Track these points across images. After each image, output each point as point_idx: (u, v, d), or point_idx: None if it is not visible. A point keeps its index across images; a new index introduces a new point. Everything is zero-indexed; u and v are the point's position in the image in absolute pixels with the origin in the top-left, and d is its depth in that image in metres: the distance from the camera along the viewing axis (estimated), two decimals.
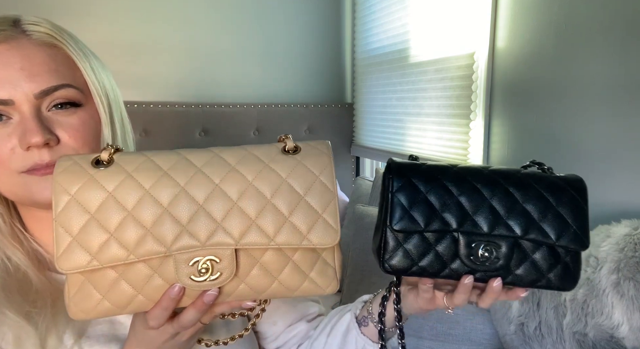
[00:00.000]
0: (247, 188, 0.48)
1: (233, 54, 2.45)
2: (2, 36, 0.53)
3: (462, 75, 1.70)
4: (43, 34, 0.55)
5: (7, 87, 0.52)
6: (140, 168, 0.47)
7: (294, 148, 0.51)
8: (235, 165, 0.49)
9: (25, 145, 0.52)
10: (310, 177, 0.50)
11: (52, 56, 0.55)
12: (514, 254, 0.50)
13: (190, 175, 0.47)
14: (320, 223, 0.49)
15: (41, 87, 0.53)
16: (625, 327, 1.02)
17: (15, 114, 0.53)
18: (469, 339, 1.42)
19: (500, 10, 1.57)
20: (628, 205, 1.20)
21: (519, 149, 1.54)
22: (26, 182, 0.54)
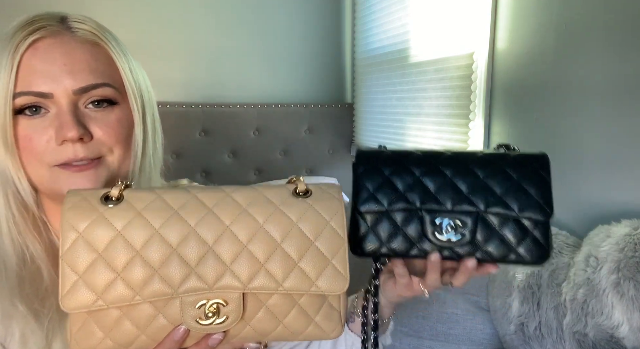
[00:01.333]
0: (257, 231, 0.47)
1: (233, 54, 2.45)
2: (49, 31, 0.54)
3: (462, 75, 1.70)
4: (87, 32, 0.56)
5: (48, 81, 0.53)
6: (150, 207, 0.46)
7: (305, 191, 0.51)
8: (247, 207, 0.48)
9: (60, 138, 0.53)
10: (321, 222, 0.49)
11: (94, 54, 0.56)
12: (478, 229, 0.50)
13: (201, 216, 0.47)
14: (329, 270, 0.49)
15: (80, 84, 0.54)
16: (625, 327, 1.02)
17: (53, 107, 0.54)
18: (469, 339, 1.42)
19: (500, 11, 1.57)
20: (628, 205, 1.20)
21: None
22: (57, 176, 0.55)
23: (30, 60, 0.53)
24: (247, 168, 2.49)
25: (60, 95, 0.53)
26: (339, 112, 2.62)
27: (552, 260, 1.24)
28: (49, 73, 0.53)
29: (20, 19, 0.55)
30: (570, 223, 1.36)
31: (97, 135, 0.56)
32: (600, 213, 1.27)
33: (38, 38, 0.53)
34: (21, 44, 0.53)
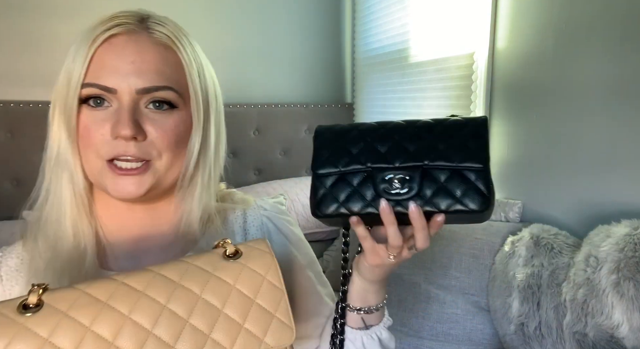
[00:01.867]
0: (196, 302, 0.46)
1: (233, 54, 2.45)
2: (126, 28, 0.56)
3: (462, 75, 1.70)
4: (163, 34, 0.58)
5: (115, 76, 0.54)
6: (76, 305, 0.43)
7: (234, 252, 0.51)
8: (180, 281, 0.47)
9: (115, 134, 0.55)
10: (258, 279, 0.50)
11: (164, 57, 0.57)
12: (424, 182, 0.54)
13: (134, 302, 0.45)
14: (275, 324, 0.49)
15: (144, 84, 0.55)
16: (625, 327, 1.02)
17: (115, 102, 0.56)
18: (469, 339, 1.42)
19: (500, 11, 1.57)
20: (628, 205, 1.20)
21: (518, 149, 1.54)
22: (105, 173, 0.56)
23: (103, 54, 0.55)
24: (247, 168, 2.49)
25: (124, 91, 0.55)
26: (339, 112, 2.62)
27: (552, 260, 1.24)
28: (117, 69, 0.55)
29: (103, 16, 0.57)
30: (570, 223, 1.36)
31: (150, 136, 0.56)
32: (600, 213, 1.27)
33: (114, 34, 0.55)
34: (98, 38, 0.55)
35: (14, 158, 2.05)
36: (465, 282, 1.45)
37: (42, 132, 0.56)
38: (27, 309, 0.42)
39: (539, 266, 1.26)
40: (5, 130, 2.02)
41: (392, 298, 1.54)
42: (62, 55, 0.58)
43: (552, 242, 1.27)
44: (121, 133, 0.54)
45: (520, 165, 1.54)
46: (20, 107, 2.01)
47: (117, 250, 0.62)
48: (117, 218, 0.62)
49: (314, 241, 2.34)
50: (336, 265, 2.00)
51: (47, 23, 2.11)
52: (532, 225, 1.36)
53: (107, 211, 0.62)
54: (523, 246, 1.31)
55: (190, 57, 0.60)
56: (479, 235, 1.47)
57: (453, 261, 1.47)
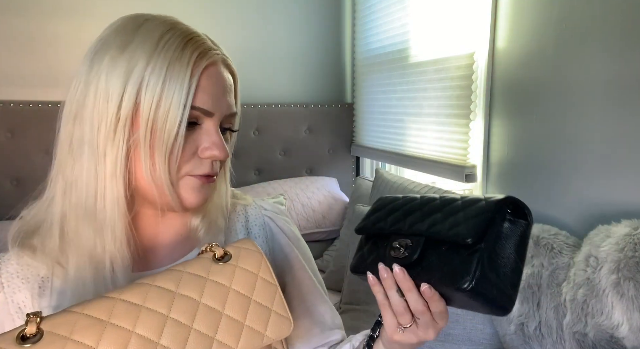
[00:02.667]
0: (197, 308, 0.48)
1: (233, 54, 2.42)
2: (218, 57, 0.60)
3: (462, 75, 1.70)
4: (231, 65, 0.64)
5: (214, 101, 0.59)
6: (77, 328, 0.43)
7: (223, 255, 0.53)
8: (178, 290, 0.48)
9: (209, 155, 0.59)
10: (252, 277, 0.52)
11: (233, 83, 0.64)
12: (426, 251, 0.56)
13: (136, 316, 0.45)
14: (273, 317, 0.51)
15: (230, 111, 0.61)
16: (625, 327, 1.02)
17: (205, 123, 0.59)
18: (469, 339, 1.42)
19: (500, 10, 1.57)
20: (628, 205, 1.20)
21: (518, 149, 1.54)
22: (190, 184, 0.59)
23: (207, 80, 0.58)
24: (247, 168, 2.49)
25: (217, 115, 0.60)
26: (339, 112, 2.62)
27: (552, 260, 1.24)
28: (215, 95, 0.59)
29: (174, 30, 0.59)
30: (570, 223, 1.36)
31: None
32: (600, 213, 1.27)
33: (214, 61, 0.59)
34: (199, 64, 0.57)
35: (14, 158, 2.05)
36: None
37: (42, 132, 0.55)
38: (26, 339, 0.41)
39: (539, 266, 1.26)
40: (5, 130, 2.02)
41: None
42: (63, 55, 0.58)
43: (552, 242, 1.27)
44: (217, 155, 0.59)
45: (520, 165, 1.54)
46: (20, 107, 2.01)
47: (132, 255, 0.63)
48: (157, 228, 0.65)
49: (314, 241, 2.35)
50: (336, 265, 2.00)
51: (47, 23, 2.11)
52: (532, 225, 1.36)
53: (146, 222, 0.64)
54: None
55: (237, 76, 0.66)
56: None
57: None
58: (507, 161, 1.60)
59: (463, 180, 1.70)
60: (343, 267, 1.85)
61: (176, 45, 0.57)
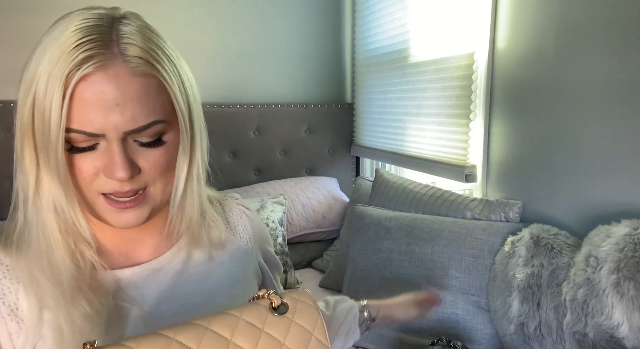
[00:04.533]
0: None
1: (233, 54, 2.45)
2: (100, 64, 0.51)
3: (462, 75, 1.70)
4: (140, 60, 0.53)
5: (100, 120, 0.51)
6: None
7: (280, 305, 0.51)
8: (233, 339, 0.47)
9: (110, 176, 0.54)
10: (306, 335, 0.50)
11: (145, 87, 0.53)
12: None
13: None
14: None
15: (132, 126, 0.53)
16: (625, 327, 1.02)
17: (103, 142, 0.54)
18: (469, 339, 1.42)
19: (500, 10, 1.57)
20: (628, 205, 1.20)
21: (518, 149, 1.54)
22: (104, 207, 0.56)
23: (83, 93, 0.51)
24: (247, 168, 2.49)
25: (111, 134, 0.52)
26: (339, 112, 2.62)
27: (552, 260, 1.24)
28: (100, 110, 0.51)
29: (65, 34, 0.51)
30: (570, 223, 1.36)
31: (144, 169, 0.56)
32: (600, 213, 1.27)
33: (90, 72, 0.51)
34: (72, 75, 0.50)
35: (14, 158, 2.05)
36: (465, 282, 1.45)
37: None
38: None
39: (539, 266, 1.26)
40: (5, 130, 2.02)
41: None
42: None
43: (552, 242, 1.27)
44: (117, 176, 0.53)
45: (520, 165, 1.54)
46: None
47: (112, 250, 0.64)
48: (110, 229, 0.62)
49: (314, 241, 2.35)
50: (336, 265, 2.00)
51: (46, 23, 2.10)
52: (532, 225, 1.36)
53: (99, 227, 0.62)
54: (523, 246, 1.31)
55: (170, 74, 0.56)
56: (479, 235, 1.47)
57: (453, 261, 1.47)
58: (507, 161, 1.60)
59: (463, 180, 1.70)
60: (343, 267, 1.86)
61: (56, 56, 0.50)
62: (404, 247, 1.57)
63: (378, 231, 1.66)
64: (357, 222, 1.77)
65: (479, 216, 1.55)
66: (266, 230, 0.80)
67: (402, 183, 1.87)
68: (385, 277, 1.58)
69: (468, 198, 1.63)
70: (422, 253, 1.53)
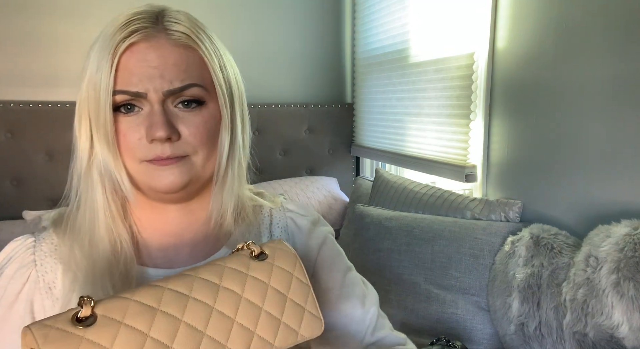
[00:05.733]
0: (240, 302, 0.49)
1: (233, 54, 2.44)
2: (144, 34, 0.57)
3: (462, 75, 1.70)
4: (181, 34, 0.59)
5: (143, 81, 0.56)
6: (129, 313, 0.44)
7: (260, 253, 0.54)
8: (221, 283, 0.50)
9: (150, 137, 0.56)
10: (287, 276, 0.53)
11: (185, 57, 0.59)
12: None
13: (184, 305, 0.47)
14: (306, 317, 0.53)
15: (170, 86, 0.57)
16: (625, 327, 1.02)
17: (147, 106, 0.58)
18: (469, 339, 1.42)
19: (500, 10, 1.57)
20: (628, 205, 1.20)
21: (518, 149, 1.54)
22: (147, 170, 0.58)
23: (128, 61, 0.56)
24: (247, 168, 2.49)
25: (153, 95, 0.57)
26: (339, 112, 2.62)
27: (552, 260, 1.24)
28: (143, 74, 0.56)
29: (119, 19, 0.58)
30: (570, 223, 1.36)
31: (184, 135, 0.58)
32: (600, 213, 1.27)
33: (134, 41, 0.57)
34: (119, 46, 0.56)
35: (14, 158, 2.05)
36: (465, 282, 1.45)
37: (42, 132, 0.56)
38: (81, 322, 0.43)
39: (539, 266, 1.26)
40: (5, 130, 2.02)
41: (392, 298, 1.54)
42: (63, 55, 0.59)
43: (552, 242, 1.27)
44: (156, 135, 0.56)
45: (520, 165, 1.54)
46: (20, 107, 2.01)
47: (151, 247, 0.65)
48: (152, 217, 0.64)
49: None
50: None
51: (46, 23, 2.11)
52: (532, 225, 1.36)
53: (142, 212, 0.64)
54: (523, 246, 1.31)
55: (211, 52, 0.61)
56: (479, 235, 1.47)
57: (453, 261, 1.47)
58: (507, 161, 1.60)
59: (463, 180, 1.70)
60: None
61: (110, 33, 0.57)
62: (404, 247, 1.57)
63: (378, 231, 1.66)
64: (357, 222, 1.77)
65: (479, 216, 1.55)
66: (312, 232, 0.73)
67: (402, 183, 1.87)
68: (385, 277, 1.58)
69: (468, 198, 1.63)
70: (422, 253, 1.53)
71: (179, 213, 0.64)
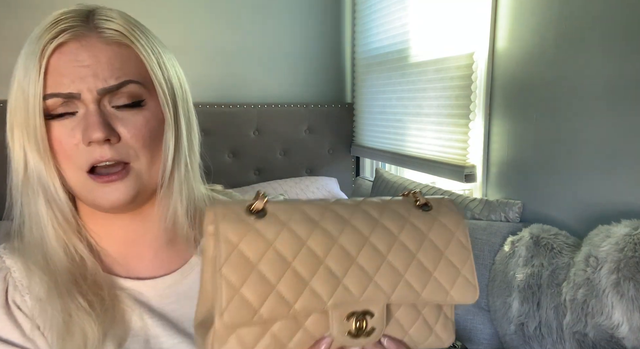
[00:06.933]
0: (394, 242, 0.48)
1: (233, 54, 2.45)
2: (74, 34, 0.53)
3: (462, 75, 1.70)
4: (114, 32, 0.55)
5: (75, 82, 0.53)
6: (294, 219, 0.45)
7: (424, 204, 0.52)
8: (380, 219, 0.48)
9: (87, 140, 0.53)
10: (448, 234, 0.51)
11: (119, 54, 0.55)
12: None
13: (341, 228, 0.47)
14: (460, 280, 0.50)
15: (104, 84, 0.53)
16: (625, 327, 1.02)
17: (81, 108, 0.54)
18: (469, 339, 1.42)
19: (500, 10, 1.57)
20: (628, 205, 1.20)
21: (518, 149, 1.54)
22: (89, 186, 0.55)
23: (58, 62, 0.53)
24: (247, 168, 2.49)
25: (87, 95, 0.53)
26: (339, 112, 2.62)
27: (552, 260, 1.24)
28: (74, 75, 0.53)
29: (46, 20, 0.55)
30: (570, 223, 1.36)
31: (124, 137, 0.55)
32: (600, 213, 1.27)
33: (63, 41, 0.53)
34: (47, 47, 0.52)
35: None
36: None
37: None
38: (252, 213, 0.45)
39: (539, 266, 1.26)
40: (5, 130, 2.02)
41: None
42: None
43: (552, 242, 1.27)
44: (93, 137, 0.52)
45: (520, 165, 1.54)
46: None
47: (112, 256, 0.62)
48: (106, 226, 0.61)
49: None
50: None
51: None
52: (532, 225, 1.36)
53: (94, 221, 0.61)
54: (523, 246, 1.31)
55: (147, 49, 0.57)
56: (479, 235, 1.47)
57: None
58: (507, 161, 1.60)
59: (463, 180, 1.70)
60: None
61: (37, 35, 0.53)
62: None
63: None
64: None
65: (479, 217, 1.55)
66: None
67: (402, 183, 1.87)
68: None
69: (468, 198, 1.63)
70: None
71: (133, 221, 0.61)
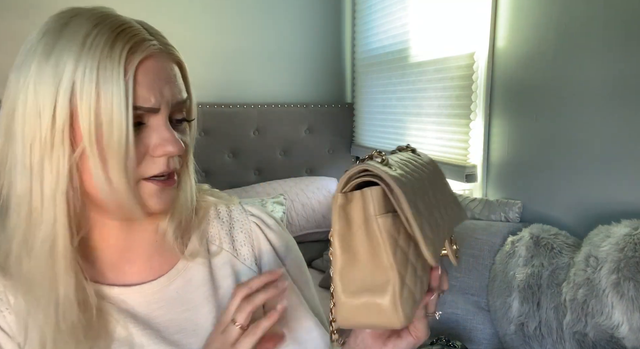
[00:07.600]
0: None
1: (233, 54, 2.45)
2: (152, 50, 0.54)
3: (462, 75, 1.70)
4: (173, 49, 0.58)
5: (156, 96, 0.54)
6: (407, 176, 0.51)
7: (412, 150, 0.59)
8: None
9: (163, 152, 0.54)
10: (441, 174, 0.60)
11: (178, 72, 0.58)
12: None
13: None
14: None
15: (176, 98, 0.56)
16: (625, 327, 1.02)
17: (153, 120, 0.55)
18: (469, 339, 1.42)
19: (500, 10, 1.57)
20: (628, 205, 1.20)
21: (518, 149, 1.54)
22: (149, 191, 0.55)
23: (142, 77, 0.53)
24: (247, 168, 2.49)
25: (163, 108, 0.55)
26: (339, 112, 2.62)
27: (552, 260, 1.24)
28: (157, 90, 0.54)
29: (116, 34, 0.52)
30: (570, 223, 1.36)
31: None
32: (600, 213, 1.27)
33: (145, 56, 0.54)
34: (132, 60, 0.52)
35: None
36: (465, 282, 1.45)
37: None
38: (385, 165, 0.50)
39: (539, 266, 1.26)
40: None
41: None
42: None
43: (552, 242, 1.27)
44: (170, 150, 0.54)
45: (520, 165, 1.54)
46: None
47: (102, 263, 0.61)
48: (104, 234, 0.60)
49: (314, 241, 2.34)
50: None
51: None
52: (532, 225, 1.36)
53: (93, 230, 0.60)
54: (523, 246, 1.31)
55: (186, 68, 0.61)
56: (479, 235, 1.47)
57: None
58: (507, 161, 1.60)
59: (463, 180, 1.70)
60: None
61: (104, 41, 0.51)
62: None
63: None
64: None
65: (479, 216, 1.55)
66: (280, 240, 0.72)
67: None
68: None
69: (468, 198, 1.63)
70: None
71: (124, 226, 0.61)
